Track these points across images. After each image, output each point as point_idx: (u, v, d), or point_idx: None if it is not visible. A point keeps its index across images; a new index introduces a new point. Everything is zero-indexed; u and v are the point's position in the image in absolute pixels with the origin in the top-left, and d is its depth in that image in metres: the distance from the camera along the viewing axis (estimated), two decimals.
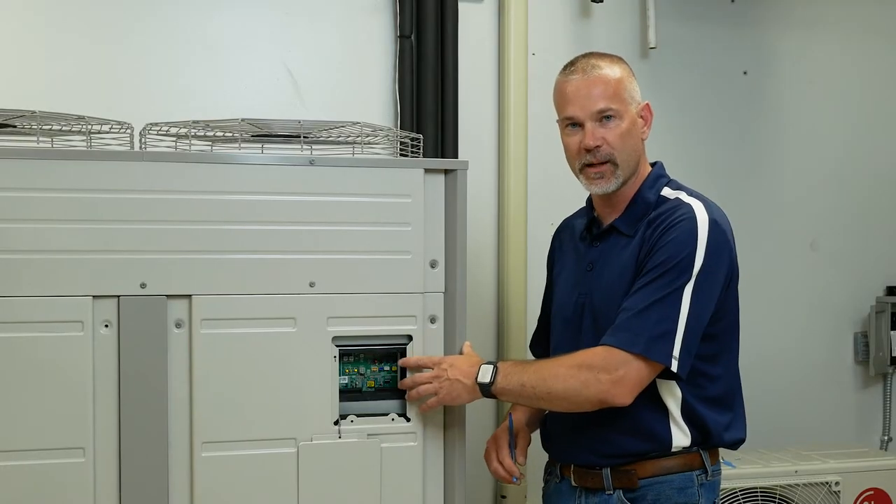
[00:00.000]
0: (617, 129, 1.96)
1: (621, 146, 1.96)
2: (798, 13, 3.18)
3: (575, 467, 2.01)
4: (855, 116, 3.26)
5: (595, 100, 1.96)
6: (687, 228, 1.88)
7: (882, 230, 3.29)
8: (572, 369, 1.85)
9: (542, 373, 1.88)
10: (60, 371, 1.84)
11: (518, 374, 1.90)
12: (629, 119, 1.97)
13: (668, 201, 1.98)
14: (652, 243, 1.90)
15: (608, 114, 1.95)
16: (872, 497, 2.86)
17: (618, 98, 1.96)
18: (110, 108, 2.24)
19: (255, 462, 1.93)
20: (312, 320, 1.96)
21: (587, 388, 1.84)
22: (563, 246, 2.18)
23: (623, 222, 2.00)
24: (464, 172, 2.04)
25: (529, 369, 1.91)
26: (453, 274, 2.03)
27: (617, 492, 1.94)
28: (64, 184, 1.84)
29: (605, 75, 1.97)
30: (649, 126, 2.03)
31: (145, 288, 1.88)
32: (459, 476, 2.04)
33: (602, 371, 1.82)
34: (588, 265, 2.03)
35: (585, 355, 1.87)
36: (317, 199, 1.97)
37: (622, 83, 1.98)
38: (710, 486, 1.97)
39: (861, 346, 3.26)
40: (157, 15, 2.57)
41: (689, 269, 1.86)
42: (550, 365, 1.90)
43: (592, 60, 2.00)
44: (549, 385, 1.86)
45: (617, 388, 1.82)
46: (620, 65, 2.01)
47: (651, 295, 1.85)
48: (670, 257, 1.87)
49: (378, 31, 2.74)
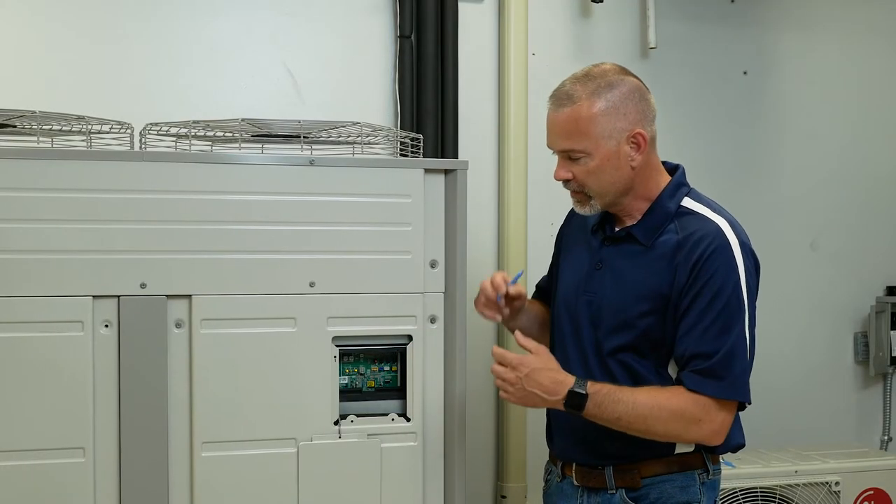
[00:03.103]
0: (584, 168, 1.90)
1: (591, 181, 1.91)
2: (798, 13, 3.18)
3: (577, 466, 2.01)
4: (855, 116, 3.26)
5: (558, 138, 1.92)
6: (726, 258, 1.87)
7: (882, 230, 3.29)
8: (674, 416, 1.85)
9: (639, 410, 1.85)
10: (60, 371, 1.84)
11: (612, 406, 1.85)
12: (601, 155, 1.89)
13: (692, 214, 1.94)
14: (693, 272, 1.87)
15: (572, 155, 1.91)
16: (872, 497, 2.86)
17: (584, 137, 1.88)
18: (110, 108, 2.24)
19: (255, 462, 1.93)
20: (312, 320, 1.96)
21: (688, 434, 1.88)
22: (574, 229, 2.12)
23: (640, 230, 1.95)
24: (464, 172, 2.04)
25: (622, 403, 1.86)
26: (453, 274, 2.03)
27: (619, 491, 1.94)
28: (64, 184, 1.84)
29: (575, 112, 1.88)
30: (643, 152, 1.91)
31: (145, 288, 1.88)
32: (459, 476, 2.04)
33: (704, 422, 1.86)
34: (597, 263, 2.00)
35: (683, 403, 1.86)
36: (317, 199, 1.97)
37: (593, 120, 1.87)
38: (712, 485, 1.97)
39: (861, 346, 3.26)
40: (158, 15, 2.56)
41: (742, 301, 1.87)
42: (646, 405, 1.86)
43: (574, 88, 1.90)
44: (650, 425, 1.86)
45: (717, 436, 1.88)
46: (608, 92, 1.89)
47: (725, 336, 1.85)
48: (721, 290, 1.85)
49: (378, 31, 2.74)
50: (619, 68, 1.96)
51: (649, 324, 1.90)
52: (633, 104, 1.91)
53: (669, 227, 1.93)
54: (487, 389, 2.83)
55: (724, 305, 1.85)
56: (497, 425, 2.84)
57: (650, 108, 1.94)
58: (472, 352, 2.22)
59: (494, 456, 2.85)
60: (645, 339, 1.91)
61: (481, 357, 2.80)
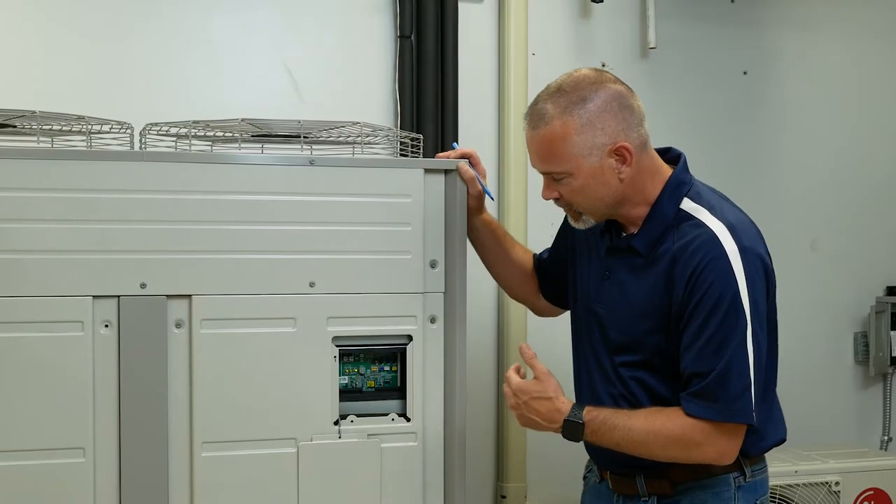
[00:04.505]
0: (568, 187, 1.86)
1: (578, 199, 1.87)
2: (798, 13, 3.18)
3: (611, 474, 2.00)
4: (855, 116, 3.26)
5: (537, 161, 1.89)
6: (721, 271, 1.78)
7: (882, 230, 3.29)
8: (671, 442, 1.81)
9: (634, 436, 1.81)
10: (60, 371, 1.84)
11: (609, 433, 1.82)
12: (584, 174, 1.83)
13: (689, 220, 1.85)
14: (687, 287, 1.79)
15: (553, 176, 1.87)
16: (872, 497, 2.86)
17: (562, 159, 1.82)
18: (110, 108, 2.24)
19: (255, 462, 1.93)
20: (312, 320, 1.96)
21: (690, 457, 1.83)
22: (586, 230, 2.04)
23: (640, 241, 1.88)
24: None
25: (618, 429, 1.82)
26: (453, 274, 2.03)
27: (652, 497, 1.92)
28: (64, 184, 1.84)
29: (549, 134, 1.82)
30: (630, 164, 1.83)
31: (145, 288, 1.88)
32: (459, 476, 2.04)
33: (706, 445, 1.80)
34: (605, 272, 1.96)
35: (681, 428, 1.79)
36: (317, 199, 1.97)
37: (568, 140, 1.80)
38: (750, 488, 1.91)
39: (861, 346, 3.26)
40: (158, 15, 2.56)
41: (741, 312, 1.78)
42: (642, 431, 1.81)
43: (545, 107, 1.83)
44: (650, 450, 1.82)
45: (724, 457, 1.83)
46: (578, 110, 1.80)
47: (719, 354, 1.77)
48: (717, 305, 1.77)
49: (378, 31, 2.74)
50: (595, 75, 1.86)
51: (657, 341, 1.86)
52: (611, 116, 1.81)
53: (668, 236, 1.86)
54: (487, 389, 2.83)
55: (720, 321, 1.77)
56: (497, 425, 2.84)
57: (634, 113, 1.84)
58: (472, 352, 2.23)
59: (494, 456, 2.85)
60: (657, 356, 1.87)
61: (481, 357, 2.81)
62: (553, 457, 2.69)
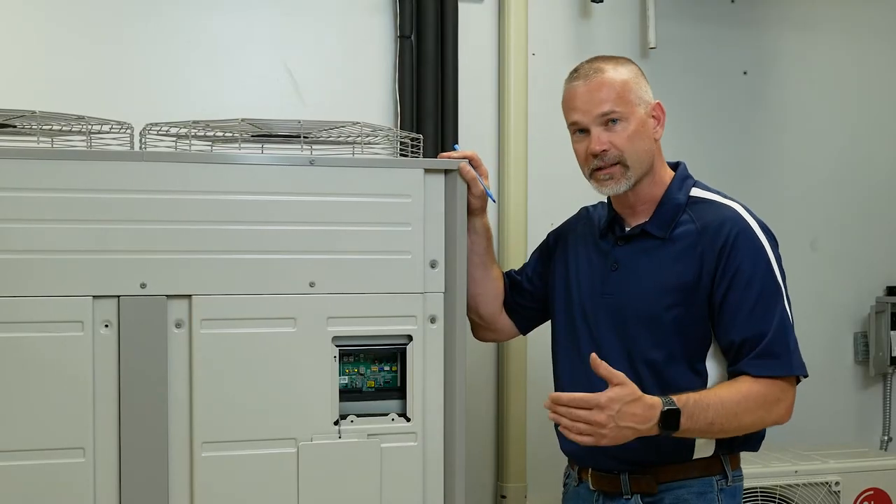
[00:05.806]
0: (623, 132, 1.94)
1: (630, 148, 1.94)
2: (798, 13, 3.18)
3: (593, 471, 2.00)
4: (855, 116, 3.26)
5: (598, 104, 1.94)
6: (751, 241, 1.91)
7: (882, 230, 3.29)
8: (758, 403, 1.86)
9: (728, 407, 1.84)
10: (60, 371, 1.84)
11: (703, 412, 1.82)
12: (637, 121, 1.95)
13: (704, 202, 1.98)
14: (720, 260, 1.89)
15: (612, 117, 1.94)
16: (872, 497, 2.86)
17: (622, 100, 1.94)
18: (110, 108, 2.24)
19: (255, 462, 1.93)
20: (312, 320, 1.96)
21: (770, 417, 1.89)
22: (579, 238, 2.12)
23: (654, 225, 1.97)
24: None
25: (711, 406, 1.83)
26: (453, 274, 2.03)
27: (635, 496, 1.93)
28: (64, 184, 1.84)
29: (609, 78, 1.95)
30: (662, 125, 2.00)
31: (145, 288, 1.88)
32: (459, 476, 2.04)
33: (782, 401, 1.89)
34: (612, 265, 2.00)
35: (759, 388, 1.86)
36: (317, 199, 1.97)
37: (627, 85, 1.95)
38: (731, 493, 1.95)
39: (861, 346, 3.26)
40: (158, 15, 2.56)
41: (776, 280, 1.91)
42: (733, 399, 1.85)
43: (596, 64, 1.98)
44: (741, 419, 1.86)
45: (789, 413, 1.91)
46: (627, 66, 1.99)
47: (770, 315, 1.88)
48: (754, 274, 1.89)
49: (378, 31, 2.74)
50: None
51: (676, 315, 1.90)
52: (645, 80, 2.01)
53: (683, 218, 1.95)
54: (487, 389, 2.83)
55: (761, 287, 1.88)
56: (497, 425, 2.84)
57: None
58: (472, 352, 2.23)
59: (494, 456, 2.85)
60: (675, 335, 1.90)
61: (481, 357, 2.81)
62: (553, 457, 2.67)
